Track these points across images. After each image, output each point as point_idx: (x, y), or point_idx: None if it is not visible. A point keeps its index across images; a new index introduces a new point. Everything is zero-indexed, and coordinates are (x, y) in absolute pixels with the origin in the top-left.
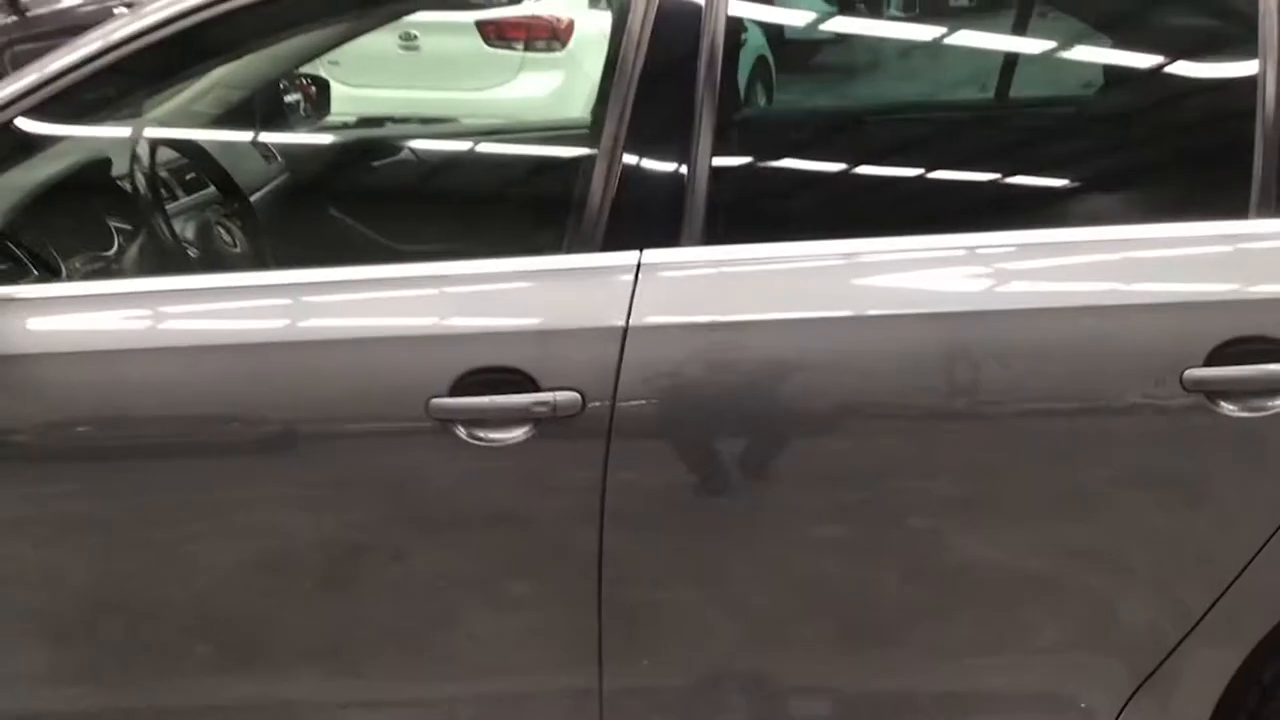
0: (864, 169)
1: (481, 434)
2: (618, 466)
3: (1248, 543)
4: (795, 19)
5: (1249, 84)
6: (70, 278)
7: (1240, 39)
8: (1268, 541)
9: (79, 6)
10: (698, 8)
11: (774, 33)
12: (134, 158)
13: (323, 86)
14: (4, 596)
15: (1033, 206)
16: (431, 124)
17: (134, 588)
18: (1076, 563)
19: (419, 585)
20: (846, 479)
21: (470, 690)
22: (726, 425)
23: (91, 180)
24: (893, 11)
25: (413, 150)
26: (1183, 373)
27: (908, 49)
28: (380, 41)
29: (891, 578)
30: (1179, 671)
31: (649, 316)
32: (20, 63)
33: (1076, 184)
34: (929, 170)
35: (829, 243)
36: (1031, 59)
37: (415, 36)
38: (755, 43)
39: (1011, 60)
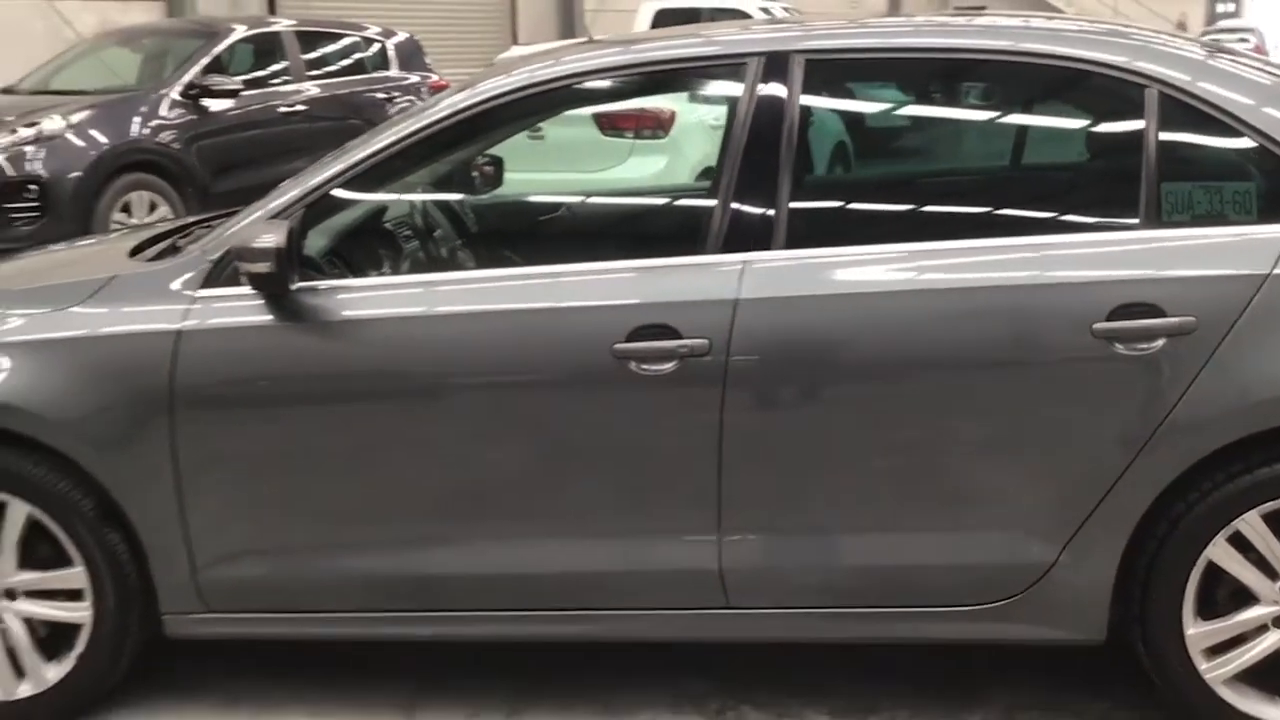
0: (886, 206)
1: (645, 367)
2: (731, 387)
3: (1136, 436)
4: (860, 113)
5: None
6: (368, 275)
7: None
8: (1151, 435)
9: (248, 105)
10: (781, 103)
11: (852, 122)
12: (397, 208)
13: (499, 164)
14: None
15: (993, 223)
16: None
17: (417, 482)
18: (1020, 452)
19: (596, 467)
20: (880, 403)
21: (627, 543)
22: (797, 362)
23: (374, 222)
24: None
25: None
26: (1092, 325)
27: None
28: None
29: (920, 473)
30: (1102, 518)
31: (750, 293)
32: (206, 153)
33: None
34: (930, 204)
35: (862, 247)
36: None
37: (540, 127)
38: (835, 129)
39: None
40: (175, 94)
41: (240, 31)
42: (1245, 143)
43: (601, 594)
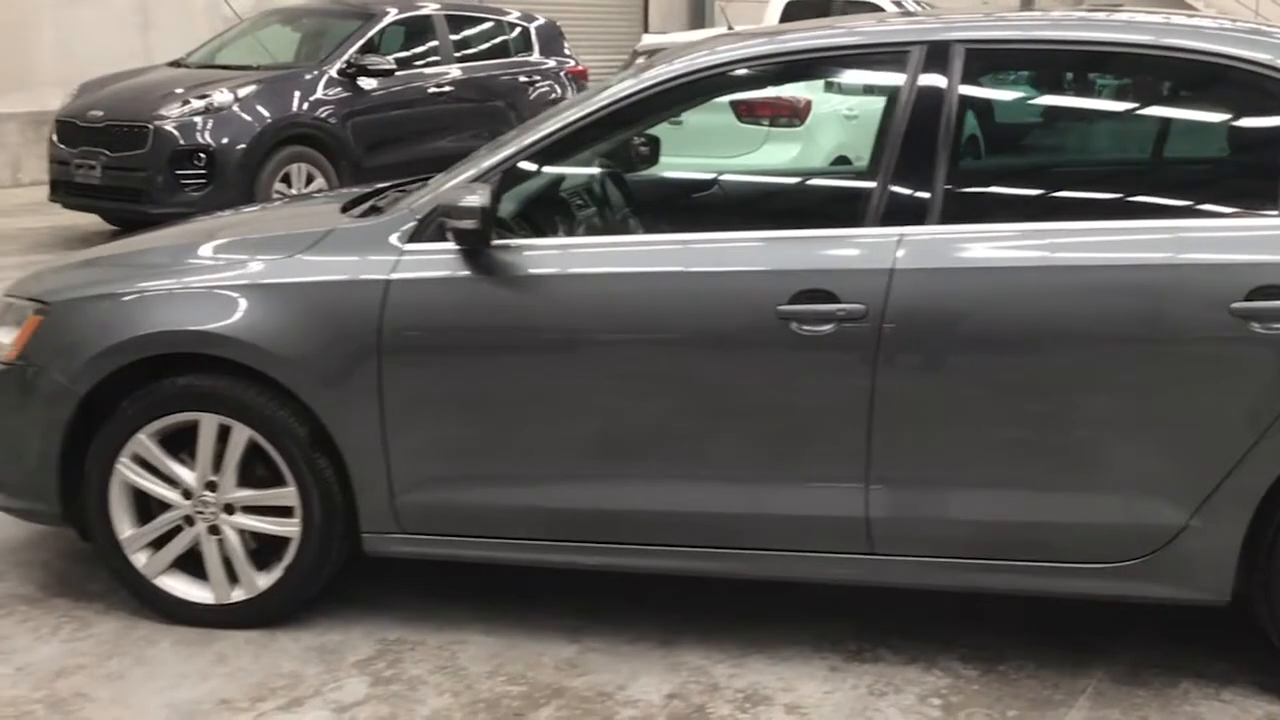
0: (1033, 190)
1: (805, 328)
2: (884, 349)
3: (1267, 411)
4: (1011, 100)
5: None
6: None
7: None
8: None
9: (399, 85)
10: (941, 90)
11: (1003, 109)
12: (573, 178)
13: (655, 143)
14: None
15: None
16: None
17: (592, 425)
18: (1160, 423)
19: (757, 418)
20: (1022, 370)
21: (782, 489)
22: (946, 328)
23: (555, 189)
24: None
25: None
26: (1230, 304)
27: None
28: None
29: (1058, 438)
30: (1231, 487)
31: (905, 264)
32: (360, 130)
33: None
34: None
35: (1011, 224)
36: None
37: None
38: (988, 115)
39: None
40: (333, 72)
41: (394, 14)
42: None
43: (756, 536)
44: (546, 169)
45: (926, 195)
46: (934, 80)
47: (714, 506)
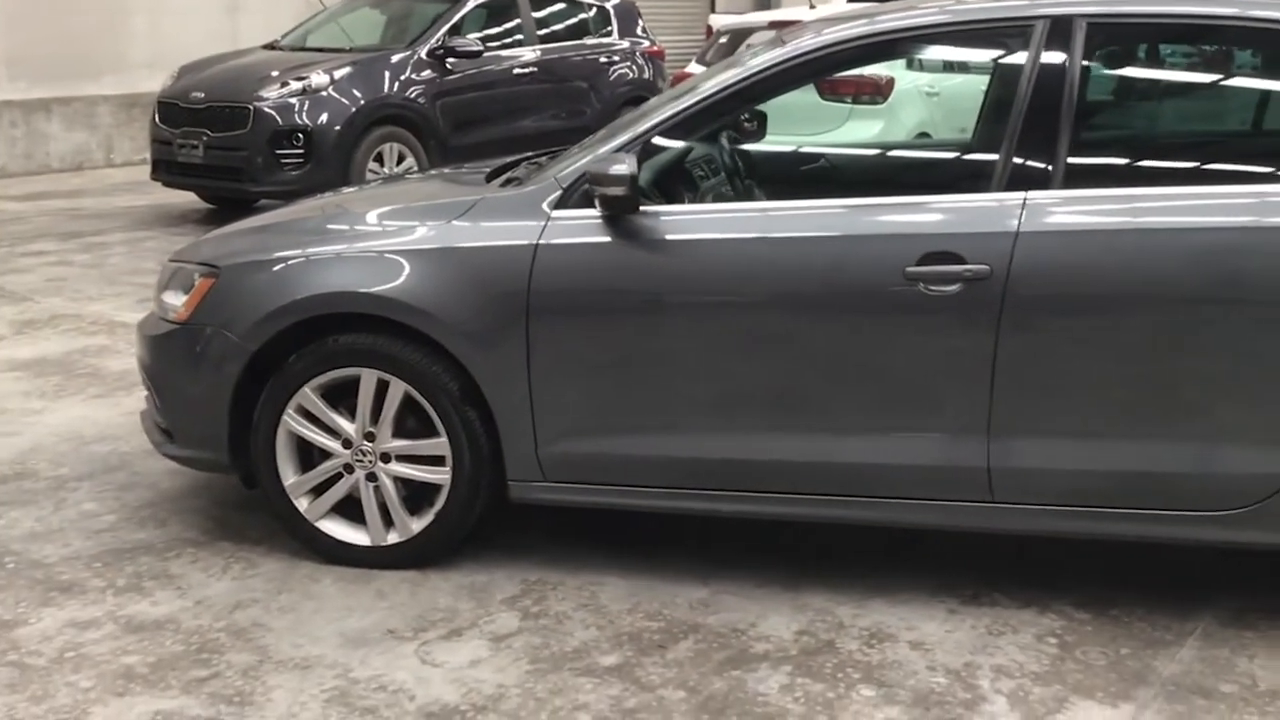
0: (1153, 160)
1: (933, 288)
2: (1008, 308)
3: None
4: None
5: None
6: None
7: None
8: None
9: (485, 66)
10: (1064, 61)
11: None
12: (701, 149)
13: (762, 119)
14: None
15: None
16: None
17: (727, 380)
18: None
19: (887, 373)
20: (1139, 327)
21: (909, 439)
22: (1069, 287)
23: (686, 159)
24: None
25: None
26: None
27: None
28: None
29: (1173, 390)
30: None
31: (1029, 227)
32: (447, 110)
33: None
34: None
35: (1130, 189)
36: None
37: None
38: (1108, 86)
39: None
40: (423, 54)
41: None
42: None
43: (883, 484)
44: (677, 142)
45: (1050, 161)
46: (1056, 54)
47: (843, 457)
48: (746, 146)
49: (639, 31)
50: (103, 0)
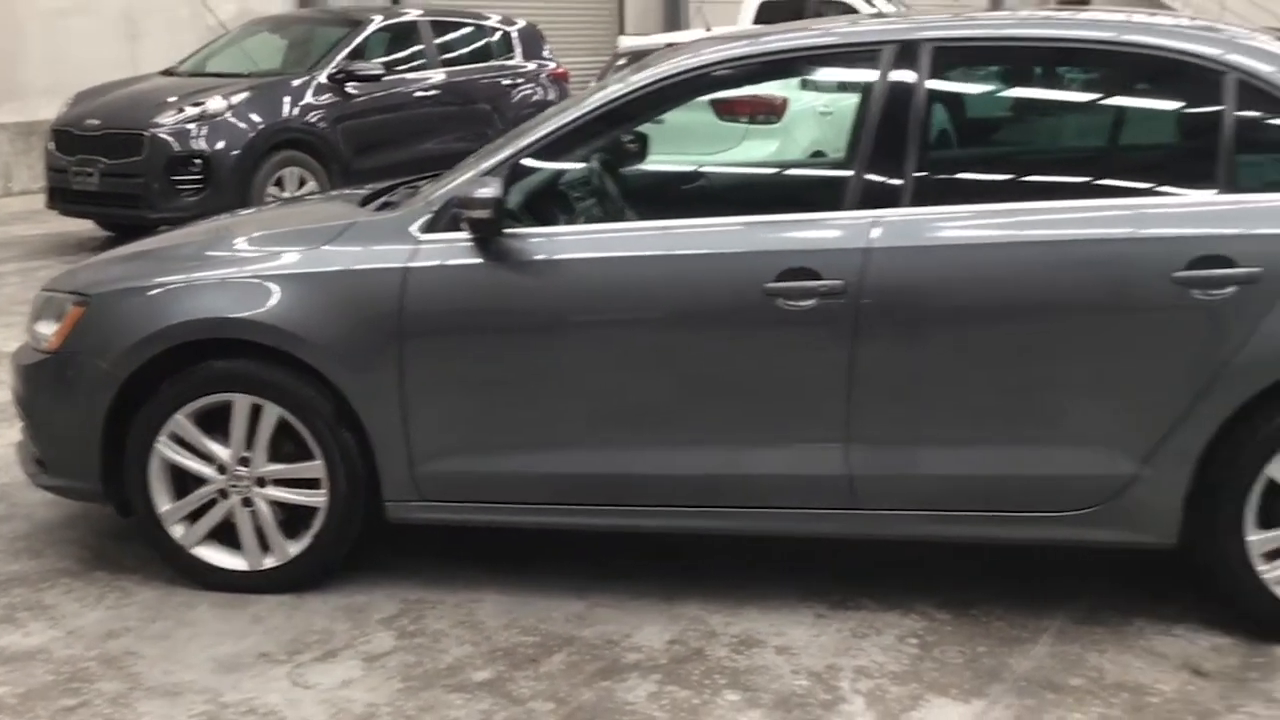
0: (997, 175)
1: (790, 303)
2: (862, 321)
3: (1208, 369)
4: (976, 93)
5: None
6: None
7: None
8: (1221, 369)
9: (386, 90)
10: (911, 84)
11: (969, 101)
12: (573, 171)
13: (644, 140)
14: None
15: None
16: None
17: (595, 398)
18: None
19: (747, 386)
20: (987, 337)
21: (772, 451)
22: (918, 301)
23: (556, 181)
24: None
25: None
26: (1173, 273)
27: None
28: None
29: (1022, 398)
30: (1177, 439)
31: (879, 243)
32: (349, 134)
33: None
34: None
35: (976, 205)
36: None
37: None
38: (955, 107)
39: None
40: (323, 78)
41: (379, 21)
42: None
43: (749, 495)
44: (548, 164)
45: (899, 180)
46: (904, 76)
47: (711, 469)
48: (620, 167)
49: (544, 54)
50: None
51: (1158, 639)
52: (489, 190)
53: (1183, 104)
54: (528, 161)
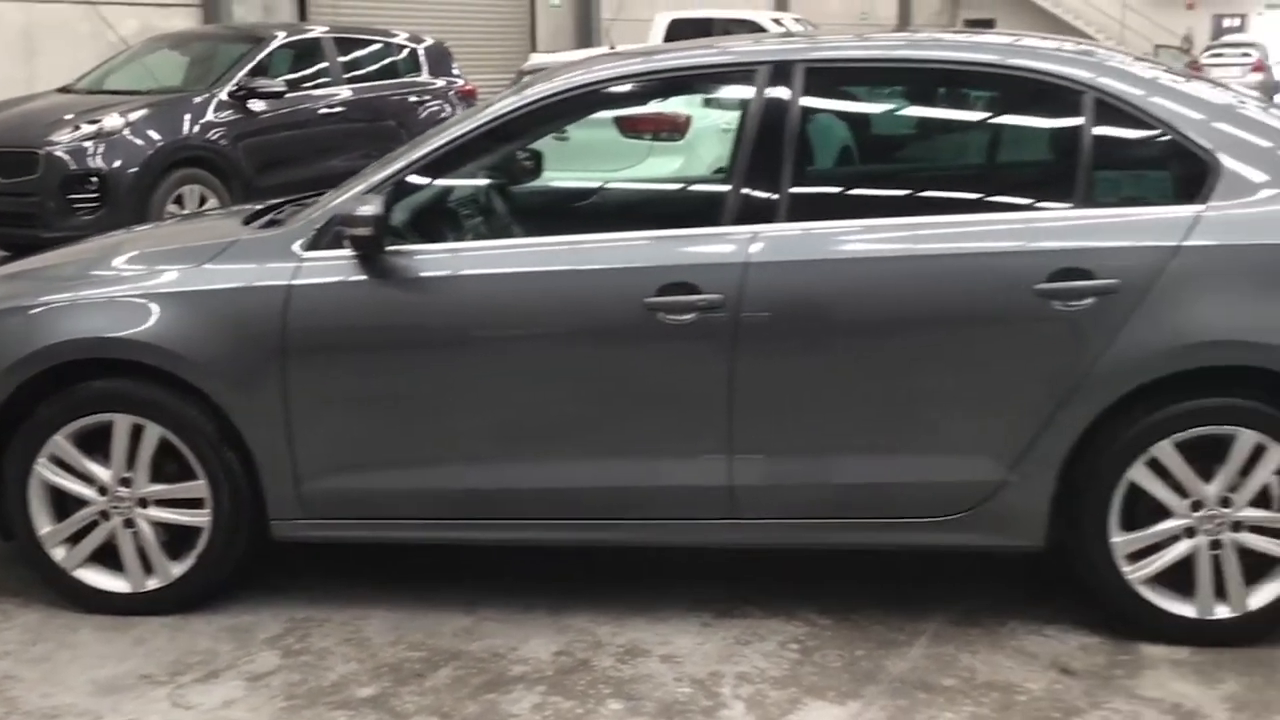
0: (871, 190)
1: (670, 317)
2: (741, 334)
3: (1070, 378)
4: (850, 112)
5: None
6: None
7: None
8: (1083, 377)
9: (290, 107)
10: (785, 104)
11: (843, 119)
12: (460, 189)
13: (538, 157)
14: (402, 418)
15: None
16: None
17: (481, 412)
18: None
19: (629, 400)
20: (862, 349)
21: (655, 463)
22: (795, 313)
23: (443, 199)
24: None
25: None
26: (1034, 285)
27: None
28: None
29: (895, 407)
30: (1043, 445)
31: (757, 257)
32: (251, 151)
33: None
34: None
35: (849, 221)
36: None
37: (565, 130)
38: (829, 125)
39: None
40: (223, 95)
41: (282, 38)
42: (1166, 139)
43: (633, 507)
44: (435, 181)
45: (776, 195)
46: (779, 96)
47: (597, 482)
48: (510, 184)
49: (453, 71)
50: None
51: (1029, 639)
52: (370, 208)
53: (1044, 122)
54: (413, 178)
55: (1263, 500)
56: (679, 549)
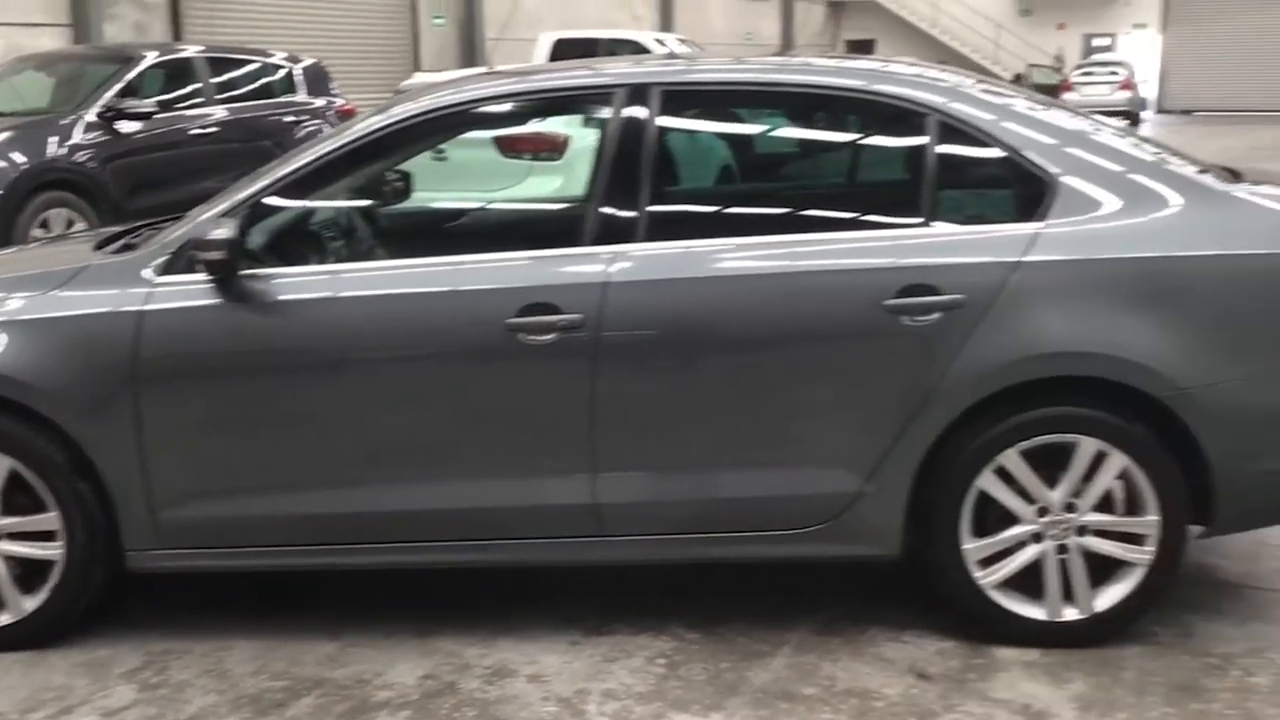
0: (729, 209)
1: (531, 338)
2: (602, 353)
3: (920, 391)
4: (707, 132)
5: None
6: (303, 265)
7: None
8: (932, 390)
9: (161, 128)
10: (641, 126)
11: (701, 140)
12: (322, 211)
13: (408, 179)
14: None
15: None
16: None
17: (341, 436)
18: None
19: (492, 421)
20: (721, 365)
21: (520, 483)
22: (655, 332)
23: (304, 222)
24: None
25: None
26: (884, 301)
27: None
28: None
29: (754, 422)
30: (896, 456)
31: (618, 277)
32: (121, 173)
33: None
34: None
35: (708, 241)
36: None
37: (444, 149)
38: (687, 146)
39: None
40: (91, 116)
41: (152, 57)
42: (1008, 161)
43: (498, 527)
44: (295, 203)
45: (635, 216)
46: (636, 117)
47: (462, 503)
48: (379, 208)
49: (331, 90)
50: None
51: (888, 645)
52: (224, 231)
53: (896, 144)
54: (271, 200)
55: (1106, 505)
56: (551, 568)
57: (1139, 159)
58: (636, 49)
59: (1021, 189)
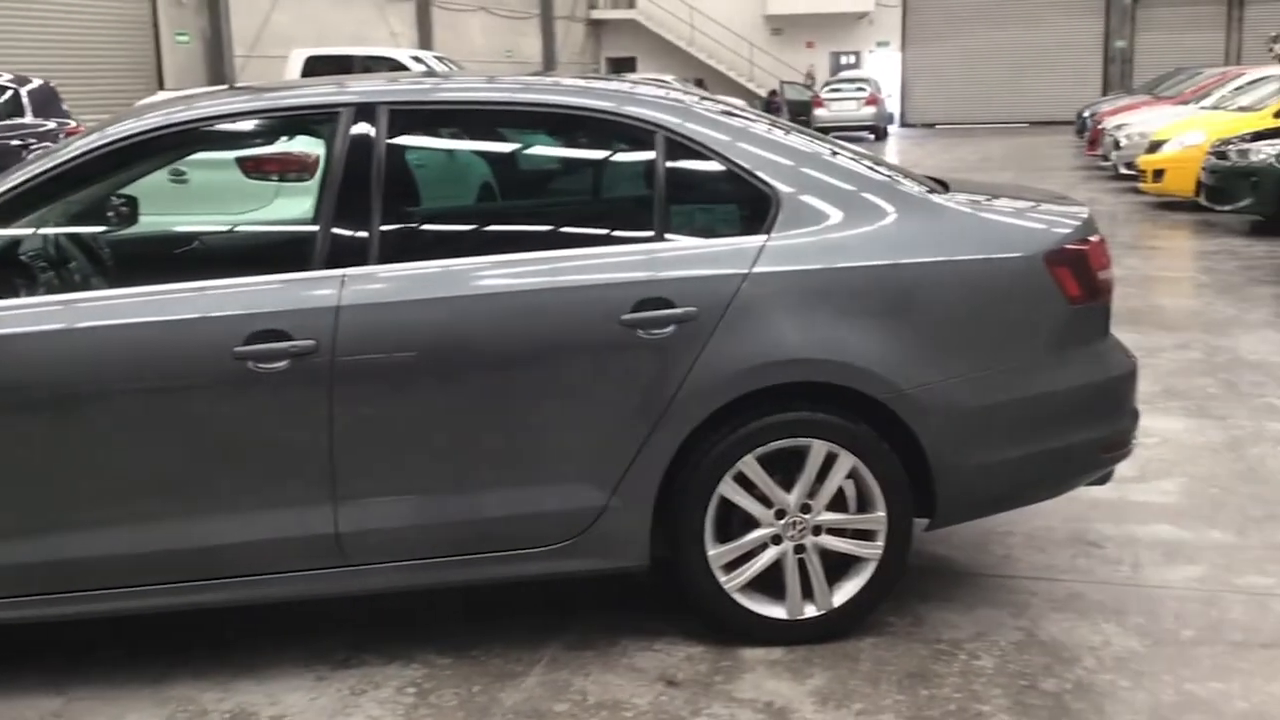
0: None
1: (261, 365)
2: (338, 379)
3: (658, 403)
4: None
5: None
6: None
7: None
8: (669, 401)
9: None
10: (369, 145)
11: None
12: (33, 240)
13: (134, 203)
14: None
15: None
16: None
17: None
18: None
19: (227, 453)
20: (459, 386)
21: (258, 517)
22: (390, 355)
23: (11, 252)
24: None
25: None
26: (620, 316)
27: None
28: (154, 177)
29: (495, 442)
30: (638, 468)
31: (350, 300)
32: None
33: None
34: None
35: (441, 261)
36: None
37: (184, 172)
38: (418, 165)
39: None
40: None
41: None
42: (737, 178)
43: (238, 564)
44: (3, 231)
45: (365, 239)
46: (364, 139)
47: (194, 542)
48: (96, 231)
49: (63, 112)
50: None
51: (639, 655)
52: None
53: (631, 162)
54: None
55: (839, 504)
56: (299, 603)
57: (865, 176)
58: (394, 66)
59: (750, 204)
